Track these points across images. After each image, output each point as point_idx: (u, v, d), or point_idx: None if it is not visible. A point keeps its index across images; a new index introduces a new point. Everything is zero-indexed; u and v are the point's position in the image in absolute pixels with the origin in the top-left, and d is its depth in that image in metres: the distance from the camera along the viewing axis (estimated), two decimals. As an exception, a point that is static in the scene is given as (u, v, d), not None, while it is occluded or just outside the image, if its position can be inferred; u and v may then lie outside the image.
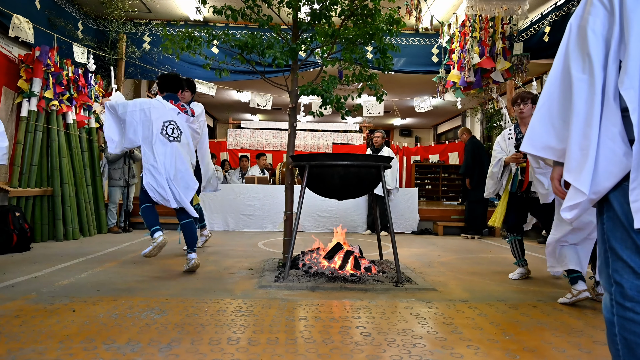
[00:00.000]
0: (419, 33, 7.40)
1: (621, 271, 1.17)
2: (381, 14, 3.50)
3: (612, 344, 1.22)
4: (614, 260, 1.19)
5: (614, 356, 1.22)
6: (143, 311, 2.42)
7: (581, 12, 1.29)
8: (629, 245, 1.15)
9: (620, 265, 1.17)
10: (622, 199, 1.17)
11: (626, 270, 1.16)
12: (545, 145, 1.34)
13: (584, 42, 1.24)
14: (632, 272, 1.15)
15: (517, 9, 6.29)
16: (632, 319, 1.14)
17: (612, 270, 1.20)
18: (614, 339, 1.20)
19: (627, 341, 1.15)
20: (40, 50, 5.09)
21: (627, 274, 1.16)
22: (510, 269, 4.04)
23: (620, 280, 1.17)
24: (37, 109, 5.11)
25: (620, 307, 1.17)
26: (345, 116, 3.67)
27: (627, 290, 1.16)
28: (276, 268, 3.64)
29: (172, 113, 3.55)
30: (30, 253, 4.33)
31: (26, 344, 1.91)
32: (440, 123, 15.36)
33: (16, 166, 4.92)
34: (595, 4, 1.24)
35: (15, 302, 2.56)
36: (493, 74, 6.23)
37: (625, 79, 1.13)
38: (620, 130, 1.16)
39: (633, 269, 1.15)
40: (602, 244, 1.24)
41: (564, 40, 1.32)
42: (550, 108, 1.33)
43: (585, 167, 1.20)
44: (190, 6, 6.82)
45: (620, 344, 1.18)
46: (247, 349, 1.91)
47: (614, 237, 1.20)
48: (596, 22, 1.22)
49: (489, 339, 2.11)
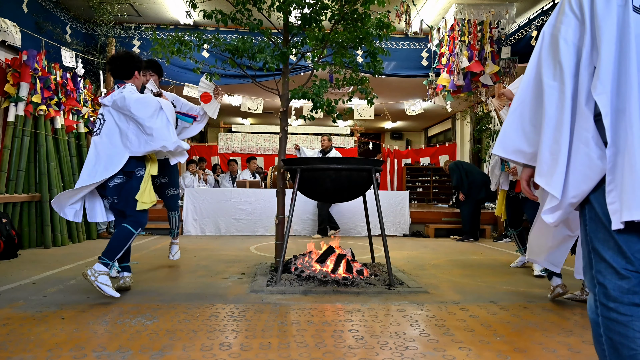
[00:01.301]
0: (408, 37, 7.46)
1: (604, 272, 1.18)
2: (371, 18, 3.52)
3: (597, 344, 1.23)
4: (597, 262, 1.20)
5: (600, 356, 1.23)
6: (134, 318, 2.39)
7: (554, 21, 1.33)
8: (611, 246, 1.17)
9: (603, 266, 1.18)
10: (602, 200, 1.18)
11: (609, 271, 1.17)
12: (515, 149, 1.39)
13: (556, 50, 1.28)
14: (614, 273, 1.16)
15: (504, 14, 6.38)
16: (616, 319, 1.16)
17: (595, 271, 1.21)
18: (600, 339, 1.21)
19: (612, 341, 1.17)
20: (28, 54, 5.04)
21: (609, 275, 1.17)
22: (501, 270, 4.08)
23: (604, 281, 1.18)
24: (24, 113, 5.04)
25: (605, 307, 1.18)
26: (336, 120, 3.68)
27: (610, 290, 1.17)
28: (268, 272, 3.63)
29: (105, 102, 2.94)
30: (18, 260, 4.26)
31: (14, 352, 1.88)
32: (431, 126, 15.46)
33: (3, 172, 4.85)
34: (567, 13, 1.28)
35: (3, 310, 2.51)
36: (482, 78, 6.30)
37: (598, 84, 1.17)
38: (593, 134, 1.19)
39: (616, 269, 1.16)
40: (585, 245, 1.25)
41: (537, 48, 1.37)
42: (522, 113, 1.38)
43: (556, 172, 1.24)
44: (180, 10, 6.80)
45: (605, 344, 1.19)
46: (240, 355, 1.90)
47: (596, 239, 1.21)
48: (568, 31, 1.27)
49: (480, 340, 2.13)
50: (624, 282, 1.15)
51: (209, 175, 8.52)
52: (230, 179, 8.31)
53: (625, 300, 1.15)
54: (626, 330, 1.14)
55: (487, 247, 5.94)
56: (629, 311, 1.15)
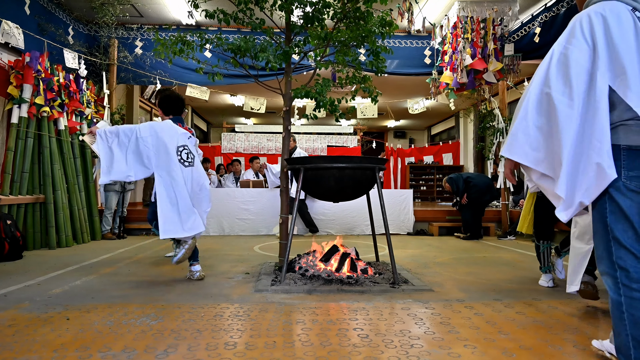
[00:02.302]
0: (411, 35, 7.44)
1: (625, 257, 1.39)
2: (373, 16, 3.51)
3: (619, 321, 1.42)
4: (617, 249, 1.41)
5: (621, 332, 1.42)
6: (139, 318, 2.40)
7: (564, 42, 1.50)
8: (631, 235, 1.39)
9: (623, 253, 1.39)
10: (623, 194, 1.40)
11: (629, 256, 1.38)
12: (522, 152, 1.57)
13: (567, 69, 1.46)
14: (634, 258, 1.38)
15: (507, 11, 6.35)
16: (638, 298, 1.38)
17: (616, 257, 1.41)
18: (622, 316, 1.41)
19: (633, 317, 1.38)
20: (31, 56, 5.05)
21: (630, 260, 1.38)
22: (506, 268, 4.05)
23: (625, 265, 1.39)
24: (27, 115, 5.06)
25: (627, 288, 1.39)
26: (339, 119, 3.67)
27: (632, 273, 1.38)
28: (272, 272, 3.63)
29: (184, 137, 3.35)
30: (23, 261, 4.28)
31: (20, 353, 1.88)
32: (434, 124, 15.43)
33: (7, 173, 4.87)
34: (579, 38, 1.46)
35: (8, 311, 2.52)
36: (485, 75, 6.27)
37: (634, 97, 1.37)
38: (607, 147, 1.39)
39: (635, 255, 1.38)
40: (604, 235, 1.44)
41: (545, 63, 1.53)
42: (527, 120, 1.55)
43: (561, 175, 1.45)
44: (182, 10, 6.80)
45: (627, 320, 1.39)
46: (245, 354, 1.90)
47: (617, 229, 1.41)
48: (580, 55, 1.45)
49: (485, 338, 2.12)
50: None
51: (212, 175, 8.53)
52: (234, 179, 8.31)
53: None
54: None
55: (492, 245, 5.91)
56: None
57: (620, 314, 1.42)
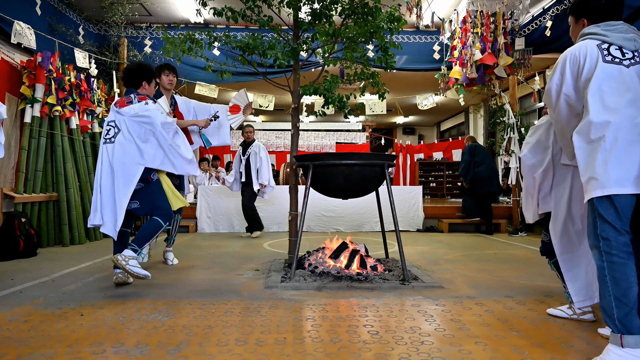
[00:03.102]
0: (420, 30, 7.38)
1: (607, 230, 1.73)
2: (382, 12, 3.49)
3: (603, 284, 1.73)
4: (602, 223, 1.74)
5: (604, 293, 1.73)
6: (151, 314, 2.42)
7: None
8: (612, 212, 1.72)
9: (607, 227, 1.73)
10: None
11: (611, 229, 1.72)
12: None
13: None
14: (615, 230, 1.72)
15: (518, 4, 6.26)
16: (617, 262, 1.70)
17: (600, 230, 1.75)
18: (605, 279, 1.72)
19: (614, 279, 1.70)
20: (42, 56, 5.12)
21: (612, 232, 1.72)
22: (517, 265, 4.02)
23: (607, 236, 1.73)
24: (40, 114, 5.13)
25: (608, 254, 1.72)
26: (347, 115, 3.66)
27: (612, 242, 1.72)
28: (282, 268, 3.64)
29: (112, 112, 3.06)
30: (37, 258, 4.35)
31: (35, 348, 1.92)
32: (443, 120, 15.32)
33: (21, 172, 4.94)
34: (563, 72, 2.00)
35: (24, 307, 2.57)
36: (496, 70, 6.20)
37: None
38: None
39: (616, 228, 1.71)
40: (592, 213, 1.79)
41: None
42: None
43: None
44: (190, 9, 6.83)
45: (609, 281, 1.71)
46: (256, 350, 1.91)
47: (601, 207, 1.74)
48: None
49: (497, 335, 2.10)
50: (621, 237, 1.71)
51: (222, 173, 8.57)
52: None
53: (623, 249, 1.71)
54: (624, 269, 1.69)
55: (503, 241, 5.87)
56: (626, 256, 1.70)
57: (603, 277, 1.73)
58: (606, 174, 1.72)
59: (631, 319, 1.66)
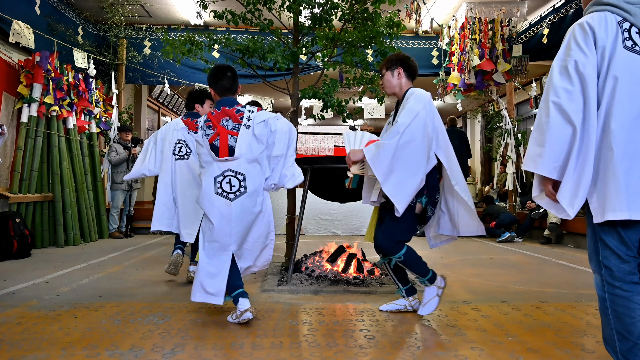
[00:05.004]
0: (419, 36, 7.41)
1: (609, 257, 1.50)
2: (381, 17, 3.50)
3: (604, 315, 1.55)
4: (604, 249, 1.51)
5: (606, 325, 1.54)
6: (146, 317, 2.41)
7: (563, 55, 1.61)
8: (615, 237, 1.48)
9: (608, 253, 1.50)
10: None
11: (613, 256, 1.49)
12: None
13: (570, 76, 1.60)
14: (618, 258, 1.48)
15: (515, 11, 6.31)
16: (620, 294, 1.48)
17: (602, 257, 1.52)
18: (606, 311, 1.53)
19: (616, 312, 1.49)
20: (41, 55, 5.10)
21: (614, 260, 1.49)
22: (513, 270, 4.02)
23: (609, 264, 1.50)
24: (37, 114, 5.11)
25: (610, 285, 1.50)
26: (346, 119, 3.67)
27: (615, 272, 1.49)
28: (279, 272, 3.63)
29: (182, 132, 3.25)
30: (31, 259, 4.32)
31: (28, 351, 1.90)
32: (440, 125, 15.35)
33: (16, 172, 4.91)
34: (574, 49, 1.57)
35: (17, 309, 2.55)
36: (495, 76, 6.24)
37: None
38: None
39: (619, 255, 1.48)
40: (593, 236, 1.56)
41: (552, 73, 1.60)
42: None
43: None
44: (190, 11, 6.83)
45: (611, 315, 1.51)
46: (251, 354, 1.90)
47: (602, 232, 1.50)
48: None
49: (492, 340, 2.10)
50: (625, 265, 1.48)
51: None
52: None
53: (627, 279, 1.48)
54: (628, 303, 1.47)
55: (498, 246, 5.88)
56: (630, 288, 1.48)
57: (605, 310, 1.54)
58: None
59: (635, 354, 1.46)
